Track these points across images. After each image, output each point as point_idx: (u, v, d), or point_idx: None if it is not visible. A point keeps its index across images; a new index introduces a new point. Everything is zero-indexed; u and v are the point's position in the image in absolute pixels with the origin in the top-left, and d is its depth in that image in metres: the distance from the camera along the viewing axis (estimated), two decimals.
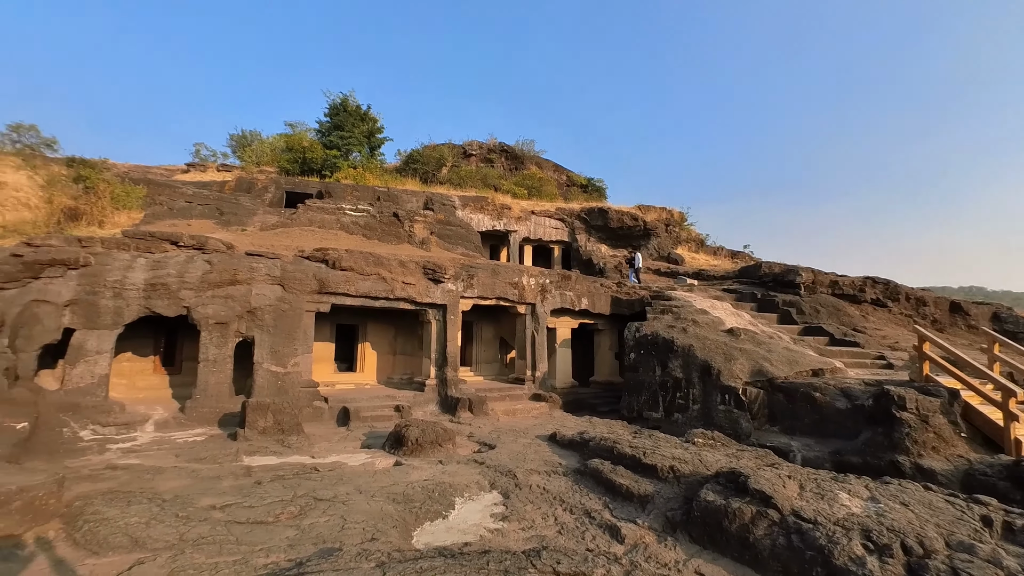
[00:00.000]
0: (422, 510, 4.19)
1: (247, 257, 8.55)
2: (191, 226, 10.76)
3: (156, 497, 4.04)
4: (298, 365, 8.36)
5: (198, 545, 3.30)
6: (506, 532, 3.84)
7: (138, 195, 11.16)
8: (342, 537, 3.49)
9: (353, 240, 11.96)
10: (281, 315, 8.29)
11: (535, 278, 11.36)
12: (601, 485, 4.82)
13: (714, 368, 7.92)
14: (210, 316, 7.78)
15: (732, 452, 5.45)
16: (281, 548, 3.29)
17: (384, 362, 11.28)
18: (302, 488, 4.44)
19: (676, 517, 3.95)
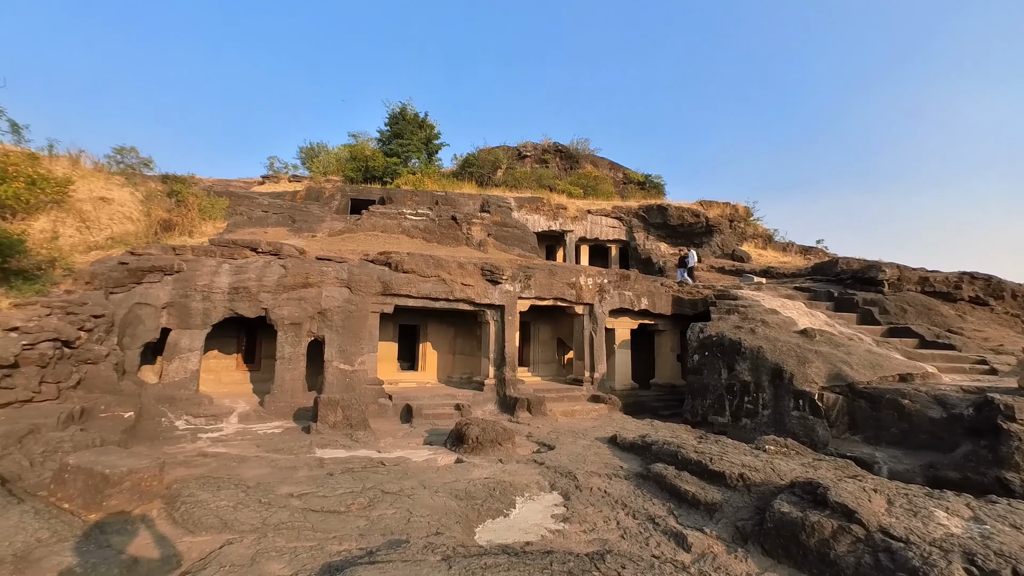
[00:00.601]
0: (483, 507, 4.25)
1: (317, 261, 9.07)
2: (267, 233, 11.57)
3: (241, 484, 4.38)
4: (364, 363, 8.75)
5: (278, 530, 3.54)
6: (567, 534, 3.82)
7: (221, 206, 12.14)
8: (408, 529, 3.62)
9: (414, 243, 12.37)
10: (348, 316, 8.72)
11: (593, 278, 11.21)
12: (665, 490, 4.68)
13: (786, 371, 7.46)
14: (285, 317, 8.32)
15: (808, 461, 5.11)
16: (352, 537, 3.46)
17: (444, 361, 11.57)
18: (370, 481, 4.65)
19: (747, 527, 3.76)
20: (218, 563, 3.00)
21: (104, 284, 7.41)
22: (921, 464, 5.49)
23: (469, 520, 4.00)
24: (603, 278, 11.36)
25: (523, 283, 10.33)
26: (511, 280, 10.21)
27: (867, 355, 7.64)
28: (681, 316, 11.97)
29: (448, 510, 4.06)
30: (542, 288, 10.55)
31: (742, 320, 9.31)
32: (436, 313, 10.71)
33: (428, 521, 3.79)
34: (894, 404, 6.34)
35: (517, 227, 14.78)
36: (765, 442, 5.77)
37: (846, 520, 3.23)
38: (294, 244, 9.56)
